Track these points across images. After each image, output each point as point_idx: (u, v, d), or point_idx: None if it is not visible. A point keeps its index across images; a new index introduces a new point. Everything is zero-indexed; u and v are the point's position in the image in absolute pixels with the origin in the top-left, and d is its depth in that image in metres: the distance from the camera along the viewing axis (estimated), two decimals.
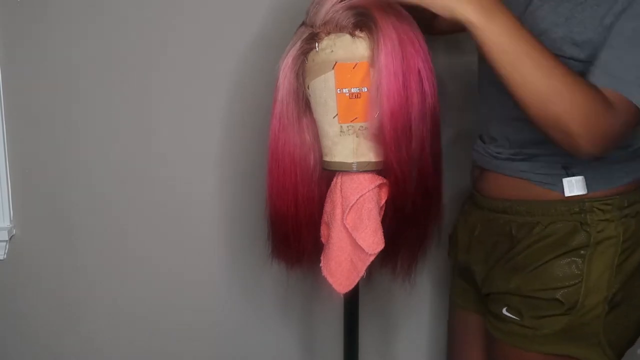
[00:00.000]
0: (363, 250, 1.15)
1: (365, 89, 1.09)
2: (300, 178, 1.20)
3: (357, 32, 1.08)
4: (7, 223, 1.57)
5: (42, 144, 1.55)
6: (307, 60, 1.11)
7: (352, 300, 1.29)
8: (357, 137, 1.13)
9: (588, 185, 1.14)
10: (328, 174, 1.20)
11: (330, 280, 1.19)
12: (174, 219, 1.60)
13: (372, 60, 1.07)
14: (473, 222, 1.30)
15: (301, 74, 1.14)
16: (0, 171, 1.54)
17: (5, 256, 1.58)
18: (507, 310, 1.18)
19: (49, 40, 1.50)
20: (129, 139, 1.55)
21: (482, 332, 1.31)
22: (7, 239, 1.56)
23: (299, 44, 1.11)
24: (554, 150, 1.09)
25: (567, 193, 1.14)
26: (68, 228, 1.59)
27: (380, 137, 1.10)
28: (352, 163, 1.14)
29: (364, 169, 1.14)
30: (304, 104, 1.17)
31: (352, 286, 1.19)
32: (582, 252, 1.13)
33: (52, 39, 1.50)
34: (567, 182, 1.15)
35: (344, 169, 1.15)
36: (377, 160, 1.14)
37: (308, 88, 1.13)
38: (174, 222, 1.60)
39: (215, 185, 1.58)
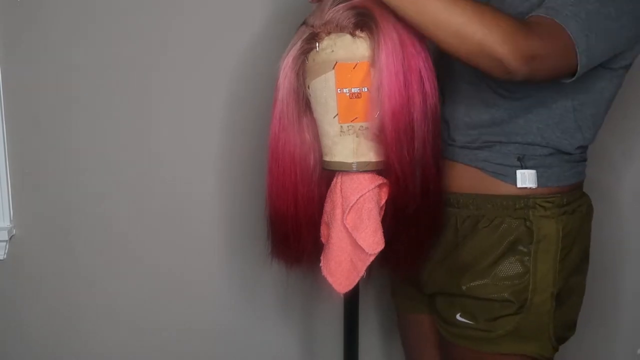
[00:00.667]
0: (363, 250, 1.15)
1: (366, 89, 1.09)
2: (300, 178, 1.20)
3: (358, 32, 1.08)
4: (7, 223, 1.57)
5: (42, 144, 1.55)
6: (307, 60, 1.11)
7: (352, 300, 1.29)
8: (357, 137, 1.13)
9: (537, 180, 1.18)
10: (328, 173, 1.20)
11: (330, 280, 1.19)
12: (174, 219, 1.60)
13: (373, 60, 1.07)
14: None
15: (301, 73, 1.14)
16: (0, 171, 1.54)
17: (5, 256, 1.58)
18: (461, 316, 1.20)
19: (49, 40, 1.50)
20: (129, 139, 1.55)
21: (433, 332, 1.34)
22: (7, 239, 1.56)
23: (299, 43, 1.11)
24: (510, 137, 1.17)
25: (520, 184, 1.17)
26: (68, 228, 1.59)
27: (381, 137, 1.10)
28: (352, 163, 1.14)
29: (364, 169, 1.14)
30: (304, 104, 1.17)
31: (352, 286, 1.19)
32: (527, 249, 1.16)
33: (52, 39, 1.49)
34: (520, 174, 1.17)
35: (344, 169, 1.15)
36: (377, 160, 1.14)
37: (308, 88, 1.13)
38: (174, 222, 1.60)
39: (215, 185, 1.58)
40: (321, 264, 1.19)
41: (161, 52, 1.51)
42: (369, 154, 1.14)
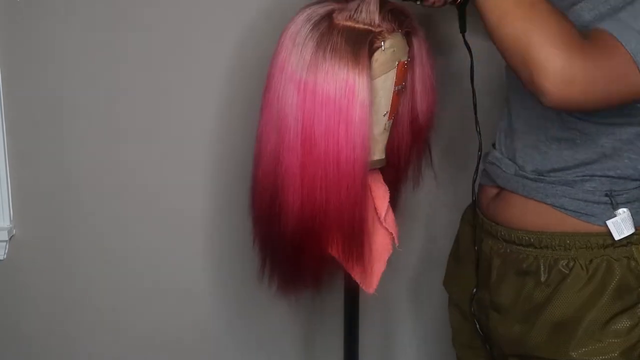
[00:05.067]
0: (390, 242, 1.19)
1: (403, 85, 1.15)
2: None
3: (404, 31, 1.12)
4: (7, 223, 1.56)
5: (42, 144, 1.54)
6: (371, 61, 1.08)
7: (352, 306, 1.31)
8: (388, 132, 1.17)
9: (635, 219, 0.99)
10: None
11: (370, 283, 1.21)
12: (175, 218, 1.60)
13: (413, 57, 1.13)
14: (487, 254, 1.12)
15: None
16: (0, 171, 1.53)
17: (5, 256, 1.57)
18: None
19: (49, 41, 1.49)
20: (130, 140, 1.55)
21: None
22: (7, 239, 1.55)
23: (366, 47, 1.05)
24: (594, 170, 1.00)
25: (617, 236, 0.98)
26: (68, 228, 1.59)
27: (414, 130, 1.18)
28: (383, 159, 1.18)
29: (385, 163, 1.20)
30: None
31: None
32: (635, 295, 0.99)
33: (52, 39, 1.49)
34: (613, 224, 0.98)
35: (377, 166, 1.18)
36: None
37: None
38: (173, 222, 1.60)
39: (215, 187, 1.59)
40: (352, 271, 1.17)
41: (163, 51, 1.50)
42: (385, 149, 1.18)
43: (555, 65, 0.82)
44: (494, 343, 1.12)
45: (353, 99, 1.02)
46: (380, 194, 1.17)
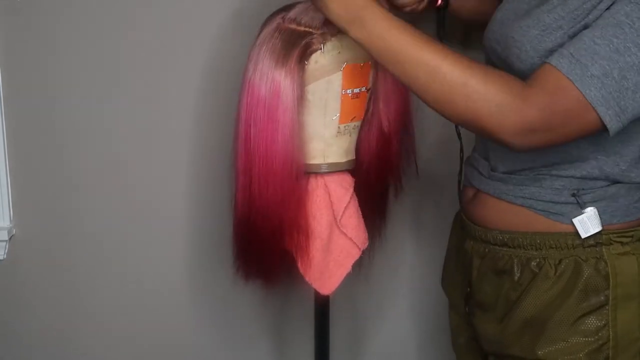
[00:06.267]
0: (354, 247, 1.16)
1: (364, 89, 1.11)
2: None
3: None
4: (7, 223, 1.57)
5: (42, 144, 1.55)
6: (308, 62, 1.08)
7: (323, 313, 1.28)
8: (350, 136, 1.14)
9: (603, 217, 0.98)
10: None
11: (324, 283, 1.18)
12: (173, 217, 1.59)
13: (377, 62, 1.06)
14: (469, 253, 1.13)
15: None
16: (0, 171, 1.54)
17: (5, 256, 1.59)
18: None
19: (49, 41, 1.49)
20: (130, 140, 1.54)
21: None
22: (7, 239, 1.56)
23: (298, 48, 1.06)
24: (560, 170, 1.00)
25: (584, 234, 0.98)
26: (68, 228, 1.59)
27: (383, 134, 1.15)
28: (344, 162, 1.16)
29: (350, 167, 1.17)
30: None
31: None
32: (603, 296, 0.98)
33: (52, 40, 1.49)
34: (579, 222, 0.98)
35: (337, 169, 1.15)
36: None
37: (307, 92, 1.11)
38: (173, 221, 1.59)
39: (196, 187, 1.57)
40: (303, 270, 1.17)
41: (168, 51, 1.49)
42: (353, 152, 1.17)
43: (511, 122, 0.86)
44: (480, 341, 1.14)
45: (278, 99, 1.05)
46: (338, 197, 1.14)
